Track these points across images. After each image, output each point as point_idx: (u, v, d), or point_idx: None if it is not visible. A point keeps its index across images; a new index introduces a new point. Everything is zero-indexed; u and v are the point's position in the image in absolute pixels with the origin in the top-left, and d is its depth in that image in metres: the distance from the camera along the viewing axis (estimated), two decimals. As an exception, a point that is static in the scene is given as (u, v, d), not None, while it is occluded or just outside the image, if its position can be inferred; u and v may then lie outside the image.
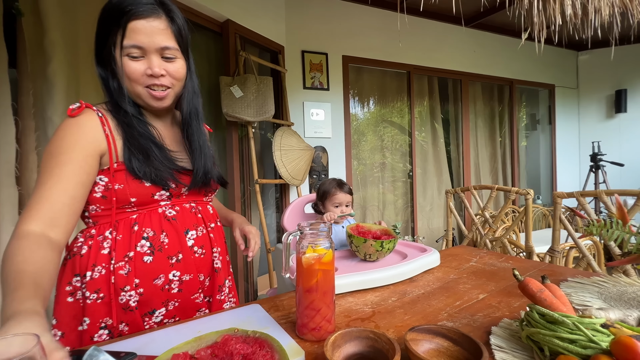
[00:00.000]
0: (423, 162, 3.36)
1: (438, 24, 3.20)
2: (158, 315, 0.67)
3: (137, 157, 0.63)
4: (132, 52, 0.58)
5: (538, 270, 0.94)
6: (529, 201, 1.45)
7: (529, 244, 1.45)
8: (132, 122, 0.64)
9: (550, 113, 4.15)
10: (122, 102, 0.63)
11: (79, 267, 0.63)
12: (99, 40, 0.62)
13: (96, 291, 0.62)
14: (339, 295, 0.78)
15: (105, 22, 0.59)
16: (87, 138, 0.61)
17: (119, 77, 0.62)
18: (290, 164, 2.01)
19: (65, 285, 0.63)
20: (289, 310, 0.71)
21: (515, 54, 3.69)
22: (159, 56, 0.60)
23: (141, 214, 0.66)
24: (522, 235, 2.38)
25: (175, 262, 0.68)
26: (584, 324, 0.45)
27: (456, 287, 0.82)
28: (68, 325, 0.62)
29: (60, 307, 0.62)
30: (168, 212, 0.68)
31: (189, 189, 0.71)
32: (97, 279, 0.62)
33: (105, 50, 0.61)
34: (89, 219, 0.66)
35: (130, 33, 0.57)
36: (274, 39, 2.27)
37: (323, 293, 0.57)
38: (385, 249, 0.91)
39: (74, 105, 0.62)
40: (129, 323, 0.64)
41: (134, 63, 0.59)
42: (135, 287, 0.64)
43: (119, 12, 0.56)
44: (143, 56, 0.59)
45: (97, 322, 0.62)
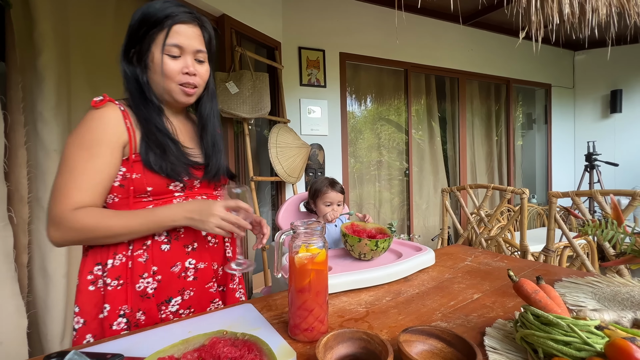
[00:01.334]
0: (419, 160, 3.36)
1: (435, 21, 3.18)
2: (174, 304, 0.69)
3: (154, 151, 0.67)
4: (172, 51, 0.64)
5: (533, 269, 0.94)
6: (524, 200, 1.45)
7: (523, 243, 1.45)
8: (151, 117, 0.68)
9: (547, 112, 4.16)
10: (150, 95, 0.68)
11: (100, 256, 0.67)
12: (132, 39, 0.67)
13: (117, 278, 0.66)
14: (333, 295, 0.77)
15: (145, 24, 0.65)
16: (113, 131, 0.65)
17: (152, 72, 0.67)
18: (287, 161, 2.00)
19: (87, 275, 0.67)
20: (281, 310, 0.70)
21: (512, 53, 3.69)
22: (193, 58, 0.67)
23: (156, 205, 0.69)
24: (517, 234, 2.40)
25: (190, 251, 0.72)
26: (578, 325, 0.44)
27: (451, 287, 0.81)
28: (89, 314, 0.65)
29: (82, 296, 0.66)
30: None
31: (200, 182, 0.75)
32: (118, 266, 0.66)
33: (140, 48, 0.66)
34: (107, 207, 0.70)
35: (173, 34, 0.64)
36: (271, 34, 2.24)
37: (316, 293, 0.56)
38: (380, 248, 0.90)
39: (97, 98, 0.66)
40: (146, 312, 0.66)
41: (172, 61, 0.65)
42: (154, 274, 0.67)
43: (164, 16, 0.63)
44: (180, 56, 0.65)
45: (116, 308, 0.65)
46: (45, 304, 1.28)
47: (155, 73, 0.66)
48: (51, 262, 1.28)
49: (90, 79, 1.50)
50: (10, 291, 1.11)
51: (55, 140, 1.29)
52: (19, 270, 1.20)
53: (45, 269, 1.28)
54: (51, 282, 1.28)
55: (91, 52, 1.50)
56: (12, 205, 1.18)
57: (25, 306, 1.17)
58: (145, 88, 0.67)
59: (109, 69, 1.56)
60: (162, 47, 0.64)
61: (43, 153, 1.27)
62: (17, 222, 1.19)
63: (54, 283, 1.28)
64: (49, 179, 1.28)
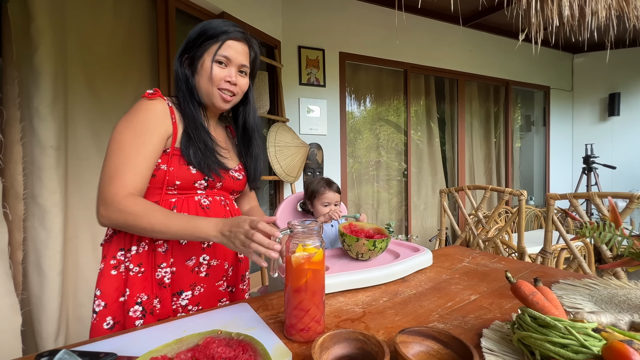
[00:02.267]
0: (418, 161, 3.36)
1: (435, 22, 3.18)
2: (184, 297, 0.73)
3: (197, 145, 0.73)
4: (220, 60, 0.72)
5: (530, 271, 0.94)
6: (522, 202, 1.45)
7: (521, 244, 1.45)
8: (197, 115, 0.74)
9: (545, 115, 4.18)
10: (197, 96, 0.75)
11: (124, 242, 0.72)
12: (188, 46, 0.75)
13: (139, 265, 0.70)
14: (330, 295, 0.77)
15: (203, 35, 0.73)
16: (162, 122, 0.71)
17: (200, 76, 0.74)
18: (285, 160, 1.99)
19: (110, 259, 0.71)
20: (278, 310, 0.69)
21: (511, 55, 3.70)
22: (237, 70, 0.74)
23: (180, 199, 0.74)
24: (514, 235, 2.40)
25: (206, 247, 0.76)
26: (575, 328, 0.44)
27: (448, 288, 0.81)
28: (110, 297, 0.69)
29: (105, 280, 0.70)
30: (203, 201, 0.77)
31: (222, 184, 0.80)
32: (142, 253, 0.71)
33: (194, 54, 0.74)
34: None
35: (225, 47, 0.72)
36: (270, 33, 2.23)
37: (312, 293, 0.56)
38: (377, 248, 0.90)
39: (150, 91, 0.73)
40: (161, 300, 0.71)
41: (218, 69, 0.73)
42: (170, 265, 0.72)
43: (220, 31, 0.72)
44: (226, 66, 0.73)
45: (134, 295, 0.69)
46: (40, 302, 1.27)
47: (202, 77, 0.73)
48: (46, 259, 1.27)
49: (88, 76, 1.48)
50: (4, 288, 1.10)
51: (51, 136, 1.27)
52: (14, 267, 1.19)
53: (41, 266, 1.27)
54: (46, 279, 1.27)
55: (89, 48, 1.49)
56: (7, 202, 1.17)
57: (20, 304, 1.16)
58: (194, 89, 0.74)
59: (106, 66, 1.54)
60: (213, 55, 0.72)
61: (39, 149, 1.26)
62: (12, 218, 1.18)
63: (49, 281, 1.27)
64: (45, 176, 1.26)
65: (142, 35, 1.71)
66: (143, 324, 0.69)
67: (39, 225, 1.27)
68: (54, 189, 1.29)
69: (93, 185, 0.82)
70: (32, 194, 1.26)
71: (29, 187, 1.25)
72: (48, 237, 1.27)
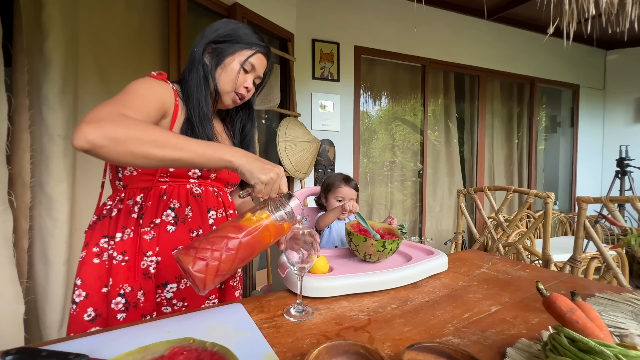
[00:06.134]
0: (435, 161, 3.23)
1: (456, 15, 3.04)
2: (170, 290, 0.69)
3: (200, 137, 0.71)
4: (248, 67, 0.76)
5: (559, 281, 0.84)
6: (549, 205, 1.33)
7: (546, 251, 1.33)
8: (204, 105, 0.73)
9: (573, 115, 3.93)
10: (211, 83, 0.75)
11: (107, 229, 0.68)
12: (219, 39, 0.75)
13: (122, 253, 0.66)
14: (332, 299, 0.70)
15: (242, 36, 0.75)
16: (164, 99, 0.69)
17: (222, 70, 0.75)
18: (295, 156, 1.94)
19: (93, 247, 0.68)
20: (274, 313, 0.63)
21: (538, 50, 3.49)
22: (253, 79, 0.78)
23: (171, 186, 0.72)
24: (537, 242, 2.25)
25: (194, 236, 0.73)
26: (629, 357, 0.35)
27: (465, 297, 0.72)
28: (92, 287, 0.65)
29: (87, 268, 0.66)
30: (195, 189, 0.74)
31: (217, 175, 0.78)
32: (126, 240, 0.67)
33: (224, 48, 0.75)
34: (121, 181, 0.72)
35: (256, 57, 0.76)
36: (284, 25, 2.18)
37: (246, 245, 0.53)
38: (387, 250, 0.83)
39: (155, 72, 0.72)
40: (146, 292, 0.66)
41: (243, 74, 0.76)
42: (157, 253, 0.68)
43: (256, 43, 0.76)
44: (248, 73, 0.76)
45: (117, 285, 0.65)
46: (44, 291, 1.26)
47: (226, 74, 0.75)
48: (52, 248, 1.27)
49: (99, 66, 1.48)
50: (8, 276, 1.09)
51: (60, 125, 1.27)
52: (19, 255, 1.19)
53: (46, 255, 1.26)
54: (52, 268, 1.26)
55: (100, 39, 1.48)
56: (14, 190, 1.17)
57: (24, 292, 1.16)
58: (212, 78, 0.74)
59: (117, 56, 1.53)
60: (244, 60, 0.74)
61: (47, 138, 1.26)
62: (18, 206, 1.18)
63: (55, 270, 1.26)
64: (53, 164, 1.26)
65: (153, 27, 1.70)
66: (125, 318, 0.64)
67: (46, 214, 1.26)
68: (61, 178, 1.28)
69: (101, 176, 0.79)
70: (40, 183, 1.26)
71: (36, 176, 1.25)
72: (54, 226, 1.27)
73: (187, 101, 0.73)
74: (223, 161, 0.56)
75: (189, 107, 0.73)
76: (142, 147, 0.51)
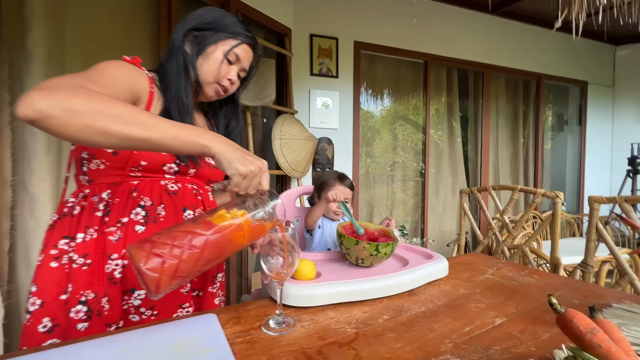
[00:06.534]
0: (437, 160, 3.14)
1: (459, 9, 2.95)
2: (137, 297, 0.62)
3: (176, 120, 0.65)
4: (232, 58, 0.71)
5: (570, 289, 0.76)
6: (558, 205, 1.25)
7: (555, 254, 1.25)
8: (184, 96, 0.68)
9: (581, 112, 3.81)
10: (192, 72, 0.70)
11: (68, 229, 0.61)
12: (205, 25, 0.70)
13: (84, 256, 0.60)
14: (318, 309, 0.64)
15: (227, 25, 0.71)
16: (136, 78, 0.63)
17: (204, 59, 0.70)
18: (291, 154, 1.87)
19: (51, 249, 0.61)
20: (251, 325, 0.57)
21: (544, 46, 3.39)
22: (238, 71, 0.74)
23: (143, 182, 0.65)
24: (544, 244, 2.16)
25: None
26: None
27: (466, 306, 0.65)
28: (49, 293, 0.58)
29: (43, 273, 0.59)
30: (170, 186, 0.68)
31: (196, 171, 0.73)
32: (88, 242, 0.60)
33: (207, 36, 0.69)
34: (86, 175, 0.65)
35: (241, 48, 0.72)
36: (281, 20, 2.12)
37: (215, 244, 0.47)
38: (381, 254, 0.76)
39: (128, 57, 0.67)
40: (110, 299, 0.60)
41: (226, 65, 0.72)
42: (123, 256, 0.62)
43: (241, 32, 0.71)
44: (232, 64, 0.72)
45: (78, 292, 0.58)
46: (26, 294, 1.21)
47: (208, 63, 0.70)
48: (35, 249, 1.22)
49: (86, 59, 1.42)
50: (-14, 279, 1.05)
51: (43, 121, 1.22)
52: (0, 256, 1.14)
53: (29, 256, 1.21)
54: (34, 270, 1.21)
55: (88, 30, 1.43)
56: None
57: (4, 295, 1.11)
58: (192, 67, 0.69)
59: (106, 49, 1.48)
60: (228, 50, 0.70)
61: (30, 135, 1.21)
62: (-3, 205, 1.13)
63: (38, 272, 1.22)
64: (35, 162, 1.21)
65: (144, 20, 1.65)
66: (87, 328, 0.58)
67: (28, 213, 1.21)
68: (44, 176, 1.23)
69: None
70: (22, 181, 1.21)
71: (18, 173, 1.20)
72: (37, 226, 1.22)
73: (165, 91, 0.68)
74: (199, 146, 0.49)
75: (167, 97, 0.68)
76: (102, 121, 0.44)
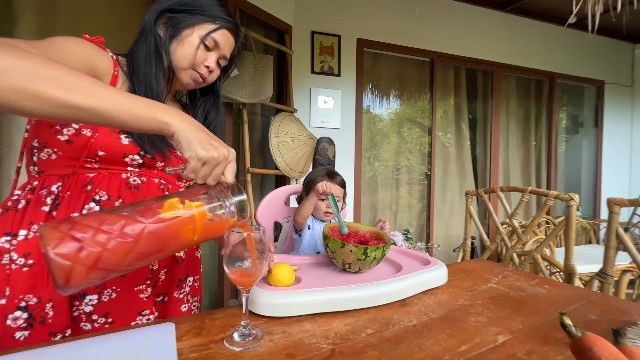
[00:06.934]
0: (444, 162, 3.03)
1: (467, 6, 2.85)
2: (89, 302, 0.56)
3: None
4: (210, 44, 0.66)
5: (587, 302, 0.67)
6: (573, 208, 1.15)
7: (569, 262, 1.14)
8: (154, 81, 0.63)
9: (597, 114, 3.64)
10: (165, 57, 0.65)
11: (11, 225, 0.55)
12: (176, 7, 0.65)
13: (25, 255, 0.53)
14: (294, 319, 0.56)
15: (200, 7, 0.65)
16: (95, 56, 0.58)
17: (178, 44, 0.65)
18: (289, 153, 1.81)
19: None
20: (213, 337, 0.50)
21: (558, 43, 3.25)
22: (216, 58, 0.68)
23: (100, 174, 0.59)
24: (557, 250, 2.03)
25: None
26: None
27: (465, 320, 0.57)
28: None
29: None
30: (132, 179, 0.62)
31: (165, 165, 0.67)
32: (31, 239, 0.55)
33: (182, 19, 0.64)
34: (36, 166, 0.59)
35: (220, 34, 0.67)
36: (281, 17, 2.07)
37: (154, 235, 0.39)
38: (369, 258, 0.68)
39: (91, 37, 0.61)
40: (56, 305, 0.54)
41: (204, 51, 0.66)
42: None
43: (220, 16, 0.66)
44: (210, 50, 0.67)
45: (17, 296, 0.52)
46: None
47: (182, 48, 0.65)
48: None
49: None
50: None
51: (30, 116, 1.19)
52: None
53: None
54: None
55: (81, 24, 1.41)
56: None
57: None
58: (165, 51, 0.64)
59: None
60: (205, 35, 0.65)
61: (16, 130, 1.18)
62: (-21, 202, 1.10)
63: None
64: (21, 158, 1.18)
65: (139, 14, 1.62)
66: (28, 337, 0.52)
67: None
68: (30, 172, 1.20)
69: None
70: (8, 177, 1.18)
71: (3, 169, 1.17)
72: (22, 224, 1.19)
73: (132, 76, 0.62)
74: (156, 122, 0.43)
75: (134, 82, 0.62)
76: (35, 83, 0.37)
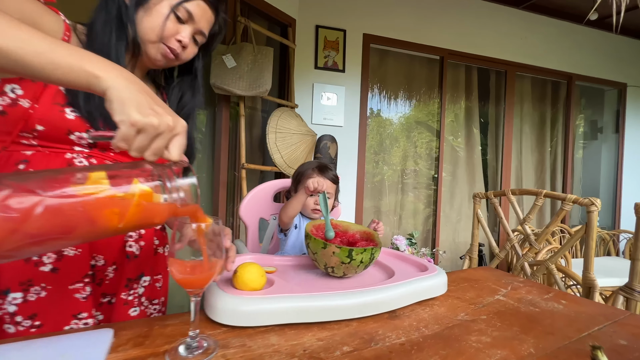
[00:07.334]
0: (453, 166, 2.91)
1: (480, 1, 2.73)
2: (12, 301, 0.49)
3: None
4: (182, 14, 0.58)
5: (612, 322, 0.56)
6: (593, 214, 1.03)
7: (589, 274, 1.02)
8: (114, 45, 0.56)
9: (619, 118, 3.45)
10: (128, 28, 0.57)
11: None
12: None
13: None
14: (259, 330, 0.48)
15: None
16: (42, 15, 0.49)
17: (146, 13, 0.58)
18: (287, 149, 1.74)
19: None
20: (156, 349, 0.42)
21: (577, 43, 3.09)
22: (191, 33, 0.61)
23: (39, 153, 0.52)
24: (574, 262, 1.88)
25: None
26: None
27: (464, 340, 0.47)
28: None
29: None
30: (79, 160, 0.54)
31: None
32: None
33: None
34: None
35: (195, 5, 0.59)
36: (285, 10, 2.01)
37: (55, 213, 0.30)
38: (355, 262, 0.59)
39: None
40: None
41: (175, 22, 0.59)
42: None
43: None
44: (183, 23, 0.60)
45: None
46: None
47: (151, 19, 0.57)
48: None
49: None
50: None
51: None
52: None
53: None
54: None
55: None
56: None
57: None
58: (129, 20, 0.57)
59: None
60: (176, 3, 0.57)
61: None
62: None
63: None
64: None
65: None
66: None
67: None
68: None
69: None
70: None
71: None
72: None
73: (89, 46, 0.55)
74: (84, 73, 0.35)
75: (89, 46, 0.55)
76: None
